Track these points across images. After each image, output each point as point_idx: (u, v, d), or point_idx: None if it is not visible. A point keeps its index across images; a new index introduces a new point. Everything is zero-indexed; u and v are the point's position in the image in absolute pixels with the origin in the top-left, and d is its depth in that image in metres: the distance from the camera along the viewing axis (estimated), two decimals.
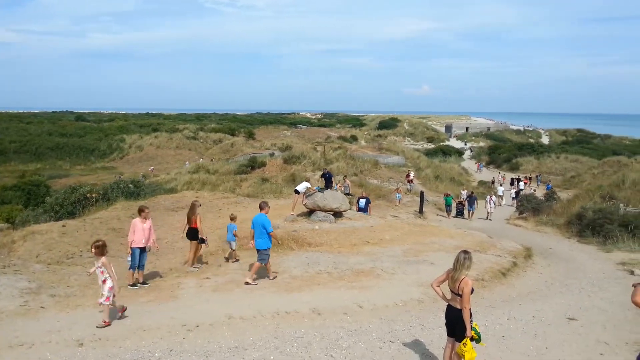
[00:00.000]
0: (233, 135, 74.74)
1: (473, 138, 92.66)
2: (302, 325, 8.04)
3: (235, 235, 12.36)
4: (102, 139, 73.35)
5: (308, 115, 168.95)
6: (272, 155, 39.12)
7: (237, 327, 7.82)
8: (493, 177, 43.00)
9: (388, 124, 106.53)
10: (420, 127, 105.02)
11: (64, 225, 15.02)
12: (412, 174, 31.25)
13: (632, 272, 13.08)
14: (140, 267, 10.06)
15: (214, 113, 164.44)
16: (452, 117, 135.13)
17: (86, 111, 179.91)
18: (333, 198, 16.88)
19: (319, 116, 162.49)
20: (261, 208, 10.67)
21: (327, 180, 20.56)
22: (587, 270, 13.50)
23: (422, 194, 25.19)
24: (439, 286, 6.21)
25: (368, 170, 33.27)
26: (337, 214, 16.86)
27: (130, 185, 22.43)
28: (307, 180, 20.49)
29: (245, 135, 73.74)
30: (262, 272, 10.83)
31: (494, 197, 26.49)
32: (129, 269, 9.97)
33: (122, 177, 42.55)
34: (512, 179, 43.01)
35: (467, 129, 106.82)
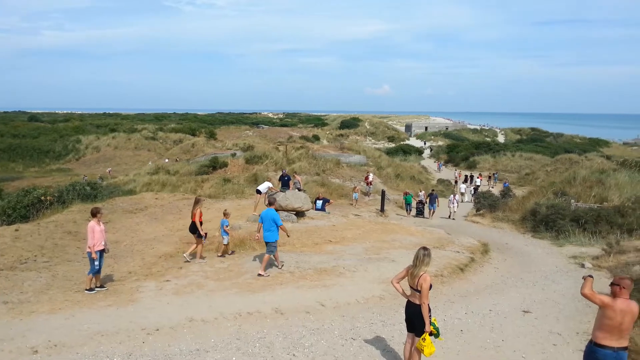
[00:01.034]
0: (194, 135, 73.59)
1: (432, 137, 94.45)
2: (264, 325, 8.04)
3: (226, 231, 12.52)
4: (57, 139, 70.94)
5: (270, 115, 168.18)
6: (233, 155, 38.73)
7: (198, 330, 7.75)
8: (455, 176, 43.78)
9: (350, 123, 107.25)
10: (381, 127, 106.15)
11: (17, 230, 14.47)
12: (371, 176, 30.05)
13: (582, 265, 13.66)
14: (98, 271, 9.81)
15: (174, 113, 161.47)
16: (412, 117, 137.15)
17: (40, 111, 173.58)
18: (295, 198, 16.92)
19: (281, 116, 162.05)
20: (271, 203, 11.39)
21: (284, 184, 20.28)
22: (540, 264, 14.00)
23: (383, 193, 25.50)
24: (398, 283, 6.31)
25: (330, 170, 33.39)
26: (300, 214, 16.92)
27: (87, 188, 21.80)
28: (269, 180, 20.47)
29: (206, 136, 72.71)
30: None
31: (457, 196, 26.24)
32: (89, 273, 9.69)
33: (87, 177, 41.34)
34: (466, 176, 44.30)
35: (426, 128, 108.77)
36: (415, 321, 6.10)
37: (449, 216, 24.87)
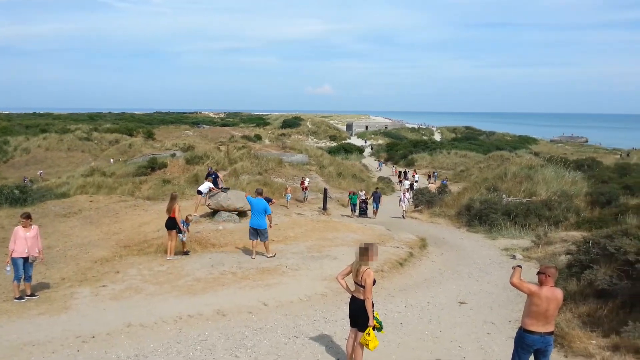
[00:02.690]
0: (131, 135, 71.02)
1: (372, 136, 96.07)
2: (206, 327, 7.95)
3: (184, 230, 12.48)
4: None
5: (211, 114, 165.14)
6: (173, 155, 37.78)
7: (136, 335, 7.55)
8: (401, 173, 44.45)
9: (292, 122, 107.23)
10: (322, 126, 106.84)
11: None
12: (307, 181, 27.81)
13: (514, 257, 14.40)
14: (27, 278, 9.31)
15: (109, 112, 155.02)
16: (353, 116, 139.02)
17: None
18: (237, 197, 16.77)
19: (222, 115, 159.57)
20: (260, 194, 12.54)
21: (213, 182, 19.58)
22: (475, 257, 14.62)
23: (325, 191, 25.72)
24: (343, 279, 6.38)
25: (272, 169, 33.27)
26: (242, 214, 16.78)
27: (16, 191, 20.63)
28: (210, 180, 20.15)
29: (144, 136, 70.37)
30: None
31: (407, 194, 25.31)
32: (14, 280, 9.20)
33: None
34: (400, 171, 45.52)
35: (366, 127, 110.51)
36: (359, 316, 6.18)
37: (402, 215, 23.72)
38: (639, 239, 8.57)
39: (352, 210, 24.89)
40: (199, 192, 18.58)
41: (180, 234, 12.30)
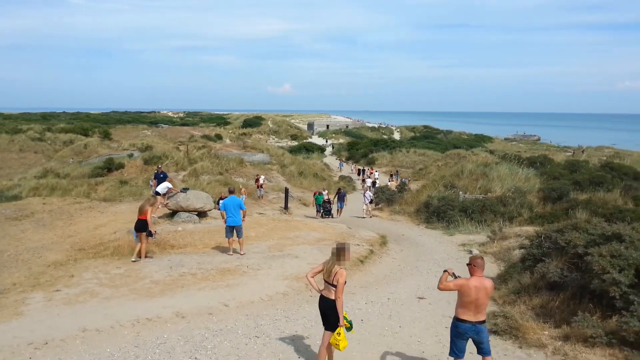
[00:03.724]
0: (86, 135, 68.80)
1: (333, 135, 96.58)
2: (165, 330, 7.81)
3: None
4: None
5: (170, 114, 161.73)
6: (130, 156, 36.85)
7: (92, 340, 7.35)
8: (360, 171, 44.72)
9: (252, 122, 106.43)
10: (283, 125, 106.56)
11: None
12: (262, 178, 27.34)
13: (470, 252, 14.75)
14: None
15: (64, 112, 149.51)
16: (314, 115, 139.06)
17: None
18: (196, 198, 16.55)
19: (181, 115, 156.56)
20: (232, 192, 13.00)
21: (160, 182, 18.86)
22: (433, 252, 14.93)
23: (286, 190, 25.68)
24: (313, 277, 6.32)
25: (233, 169, 32.96)
26: (202, 214, 16.58)
27: None
28: (169, 181, 19.79)
29: (100, 136, 68.27)
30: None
31: (368, 193, 24.82)
32: None
33: None
34: (359, 169, 46.00)
35: (327, 126, 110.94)
36: (329, 315, 6.16)
37: (368, 215, 23.18)
38: (588, 233, 8.91)
39: (317, 211, 24.00)
40: (157, 193, 18.22)
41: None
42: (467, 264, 6.08)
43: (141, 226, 11.86)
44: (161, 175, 19.69)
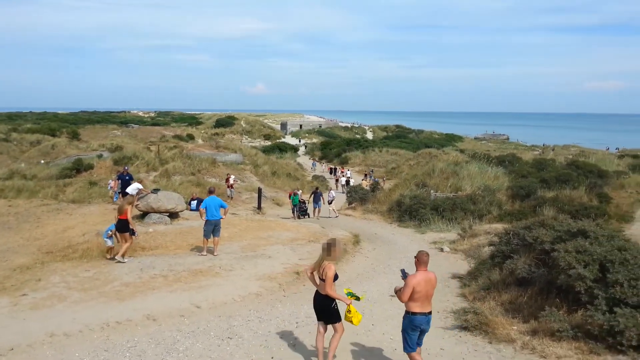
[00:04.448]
0: (54, 136, 67.08)
1: (307, 135, 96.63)
2: (135, 333, 7.70)
3: (111, 235, 12.14)
4: None
5: (140, 113, 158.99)
6: (100, 156, 36.12)
7: (60, 345, 7.20)
8: (332, 170, 44.81)
9: (225, 122, 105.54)
10: (257, 125, 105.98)
11: None
12: (232, 178, 27.05)
13: (442, 250, 14.98)
14: None
15: (30, 112, 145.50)
16: (287, 115, 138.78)
17: None
18: (168, 199, 16.34)
19: (152, 114, 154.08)
20: (213, 192, 13.00)
21: (124, 184, 18.26)
22: (406, 250, 15.06)
23: (259, 190, 25.60)
24: (312, 273, 6.59)
25: (206, 169, 32.66)
26: (173, 215, 16.38)
27: None
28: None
29: (68, 136, 66.67)
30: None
31: (332, 192, 25.20)
32: None
33: None
34: (331, 168, 46.22)
35: (300, 126, 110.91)
36: (323, 309, 6.46)
37: (335, 215, 23.17)
38: (554, 229, 9.14)
39: (293, 212, 23.48)
40: (124, 194, 17.89)
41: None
42: (414, 257, 6.40)
43: (122, 226, 11.80)
44: (127, 177, 19.20)
